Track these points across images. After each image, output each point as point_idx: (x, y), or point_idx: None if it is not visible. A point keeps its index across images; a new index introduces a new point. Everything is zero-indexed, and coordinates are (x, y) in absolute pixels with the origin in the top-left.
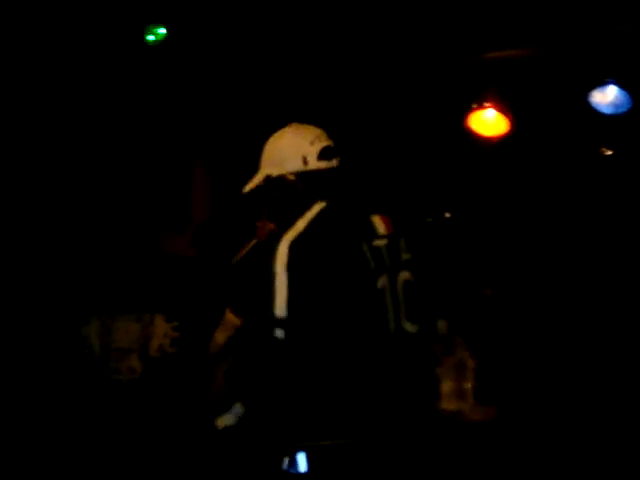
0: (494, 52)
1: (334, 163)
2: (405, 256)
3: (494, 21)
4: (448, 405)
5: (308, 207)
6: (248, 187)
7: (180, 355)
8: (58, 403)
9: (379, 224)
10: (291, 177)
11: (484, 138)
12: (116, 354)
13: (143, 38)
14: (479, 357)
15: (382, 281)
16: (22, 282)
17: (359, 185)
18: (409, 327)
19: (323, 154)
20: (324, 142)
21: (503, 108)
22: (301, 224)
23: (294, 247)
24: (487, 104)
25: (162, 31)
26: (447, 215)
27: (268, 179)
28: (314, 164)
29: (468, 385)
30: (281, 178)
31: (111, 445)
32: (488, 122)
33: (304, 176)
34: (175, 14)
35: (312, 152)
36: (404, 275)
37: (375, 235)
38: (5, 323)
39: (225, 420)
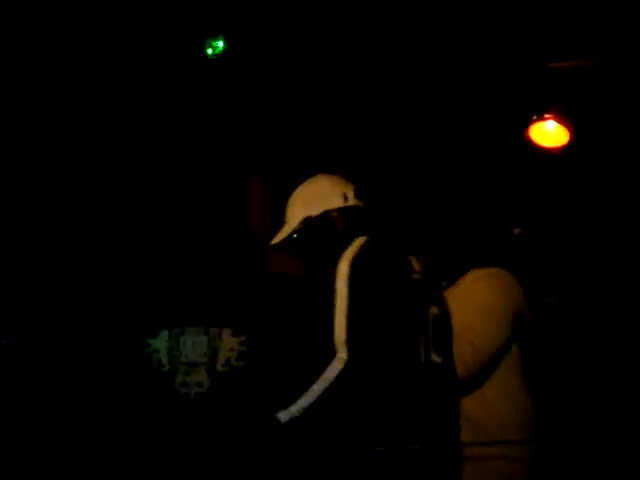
0: (554, 63)
1: (366, 203)
2: (434, 294)
3: (554, 32)
4: None
5: (349, 242)
6: (280, 237)
7: (247, 369)
8: (125, 415)
9: (414, 261)
10: (334, 214)
11: (545, 149)
12: (184, 367)
13: (203, 51)
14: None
15: (418, 312)
16: (93, 293)
17: (397, 223)
18: (436, 358)
19: (358, 193)
20: (353, 185)
21: (564, 119)
22: (356, 245)
23: (355, 264)
24: (547, 115)
25: (221, 44)
26: (517, 231)
27: (308, 220)
28: (353, 201)
29: None
30: (324, 215)
31: (179, 458)
32: (549, 133)
33: (345, 212)
34: (234, 27)
35: (350, 190)
36: (433, 310)
37: (412, 270)
38: (74, 332)
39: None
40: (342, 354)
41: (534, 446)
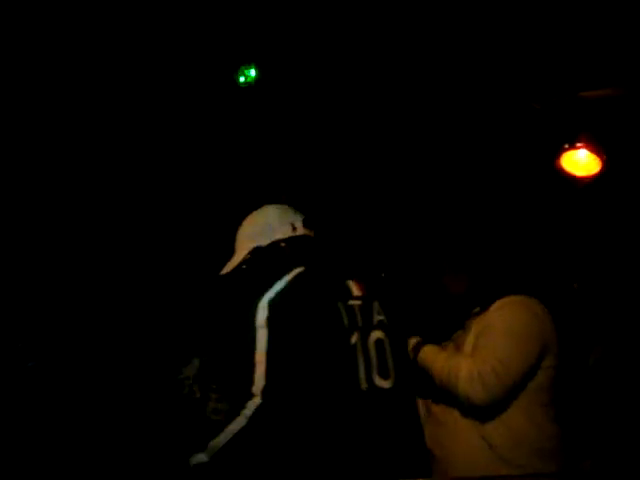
0: (586, 92)
1: (313, 232)
2: (378, 317)
3: (586, 61)
4: None
5: (288, 271)
6: (229, 267)
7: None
8: (156, 442)
9: (354, 287)
10: (282, 244)
11: (576, 178)
12: (216, 395)
13: (234, 79)
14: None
15: (354, 338)
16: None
17: (341, 250)
18: (381, 382)
19: (306, 223)
20: (302, 215)
21: (595, 148)
22: (279, 285)
23: (273, 305)
24: (579, 144)
25: (253, 73)
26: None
27: (257, 250)
28: (301, 230)
29: None
30: (272, 245)
31: None
32: (580, 162)
33: (292, 241)
34: (266, 56)
35: (298, 219)
36: (376, 334)
37: (350, 296)
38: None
39: None
40: (259, 394)
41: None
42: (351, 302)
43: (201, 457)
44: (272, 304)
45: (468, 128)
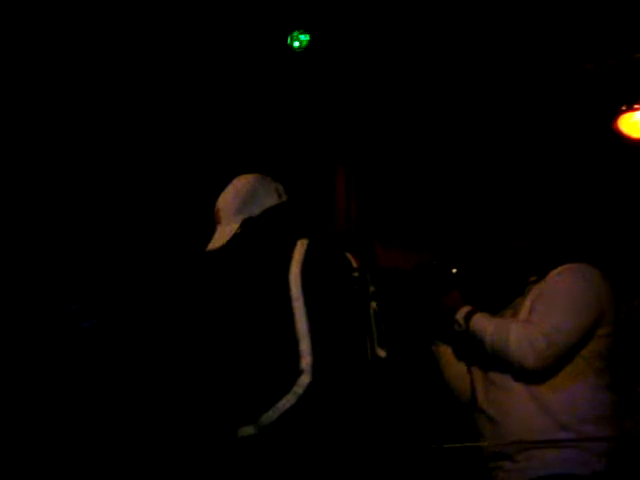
0: None
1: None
2: (371, 288)
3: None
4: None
5: (293, 241)
6: (221, 241)
7: None
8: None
9: (352, 259)
10: (272, 212)
11: (635, 141)
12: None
13: (288, 44)
14: None
15: (360, 310)
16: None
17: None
18: (381, 352)
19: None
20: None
21: None
22: (298, 256)
23: (306, 268)
24: (637, 105)
25: (305, 37)
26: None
27: (248, 221)
28: (284, 196)
29: None
30: (264, 214)
31: None
32: (638, 124)
33: (281, 208)
34: (319, 20)
35: (279, 185)
36: (373, 305)
37: (352, 268)
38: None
39: None
40: (309, 370)
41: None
42: (354, 274)
43: (249, 429)
44: (304, 276)
45: (522, 95)
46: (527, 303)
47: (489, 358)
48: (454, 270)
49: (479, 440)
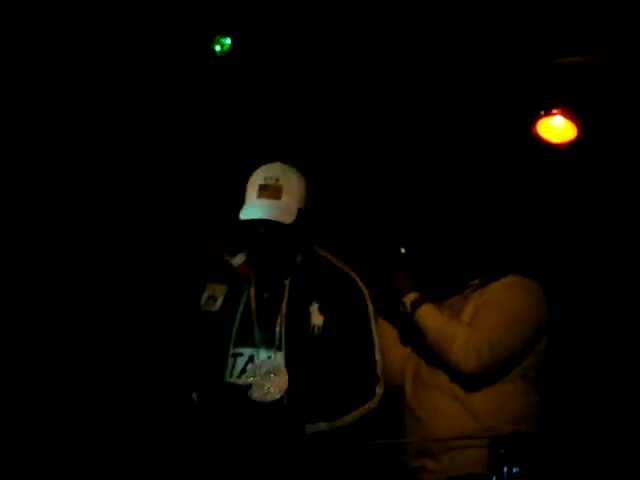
0: (561, 58)
1: None
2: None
3: (560, 28)
4: None
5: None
6: (291, 217)
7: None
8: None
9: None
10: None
11: (552, 145)
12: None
13: (210, 48)
14: None
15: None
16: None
17: None
18: None
19: None
20: None
21: (571, 114)
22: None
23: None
24: (555, 111)
25: (228, 41)
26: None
27: (300, 214)
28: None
29: None
30: (305, 214)
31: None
32: (556, 129)
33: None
34: (241, 24)
35: None
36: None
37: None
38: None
39: None
40: (380, 390)
41: None
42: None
43: (322, 426)
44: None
45: (442, 96)
46: (469, 308)
47: (426, 351)
48: (403, 250)
49: (405, 437)
